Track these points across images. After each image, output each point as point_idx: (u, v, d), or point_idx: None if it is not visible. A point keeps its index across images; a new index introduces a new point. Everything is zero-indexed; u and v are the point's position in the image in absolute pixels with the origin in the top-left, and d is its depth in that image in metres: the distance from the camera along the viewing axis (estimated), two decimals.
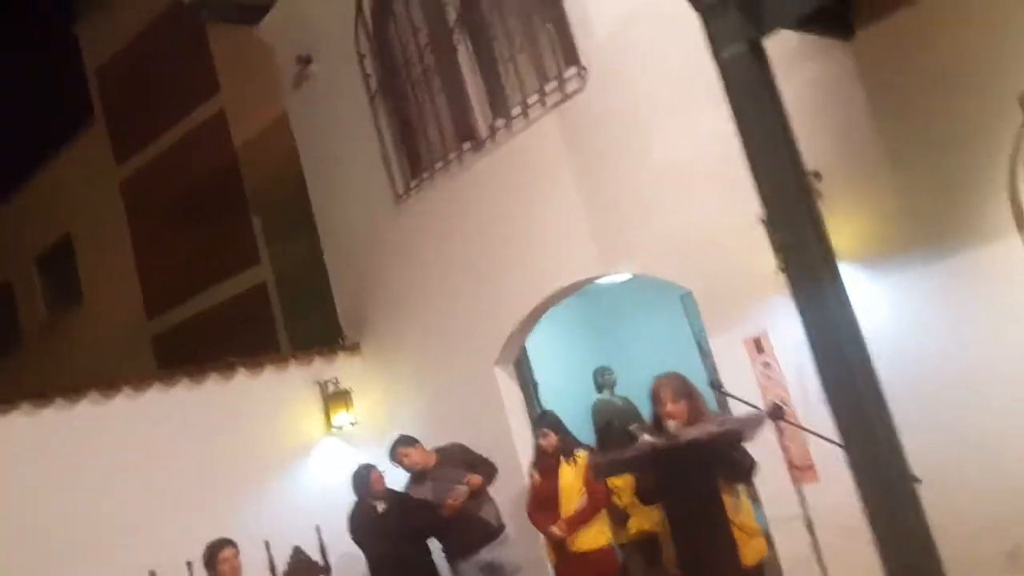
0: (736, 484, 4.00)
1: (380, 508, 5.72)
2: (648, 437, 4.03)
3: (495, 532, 5.71)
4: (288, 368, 6.99)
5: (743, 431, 3.89)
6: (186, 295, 11.09)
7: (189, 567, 5.26)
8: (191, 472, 6.07)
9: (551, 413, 5.69)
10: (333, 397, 6.98)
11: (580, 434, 6.04)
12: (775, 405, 3.93)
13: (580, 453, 5.41)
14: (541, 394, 6.94)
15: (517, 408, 6.40)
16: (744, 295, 4.92)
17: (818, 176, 4.29)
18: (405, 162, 6.82)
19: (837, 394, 3.37)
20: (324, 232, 7.60)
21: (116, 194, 11.83)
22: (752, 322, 4.90)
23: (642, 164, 5.36)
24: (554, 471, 5.36)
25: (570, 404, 7.04)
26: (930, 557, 3.27)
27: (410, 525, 5.61)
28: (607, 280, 6.29)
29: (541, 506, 5.40)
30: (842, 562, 4.16)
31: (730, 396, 4.04)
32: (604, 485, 5.37)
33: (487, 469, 5.72)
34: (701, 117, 5.03)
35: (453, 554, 5.74)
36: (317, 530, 5.77)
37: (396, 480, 5.95)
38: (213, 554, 5.19)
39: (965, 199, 4.19)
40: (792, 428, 4.57)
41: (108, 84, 11.93)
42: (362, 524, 5.70)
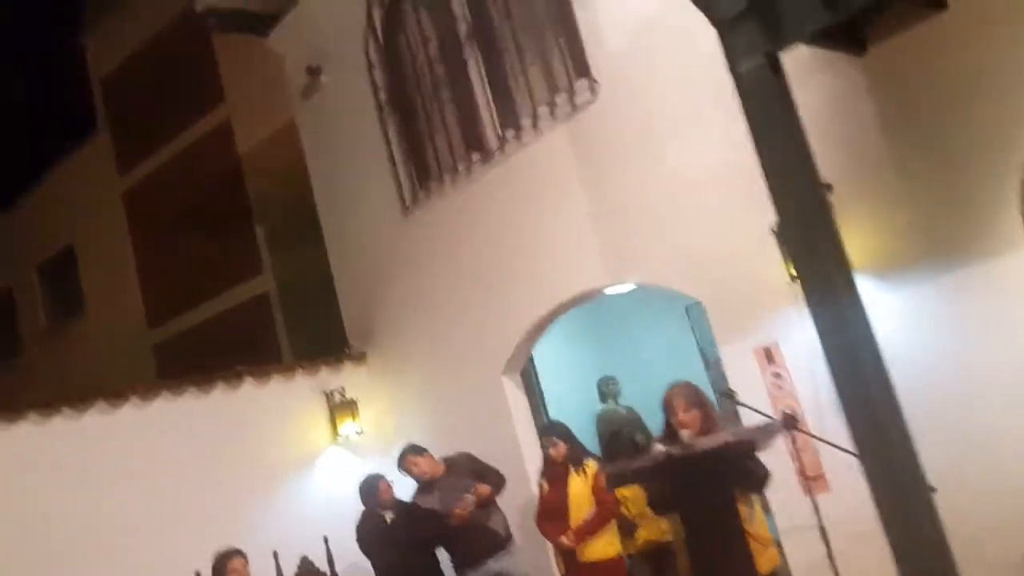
0: (750, 493, 4.00)
1: (388, 518, 5.71)
2: (661, 446, 4.05)
3: (503, 542, 5.70)
4: (295, 377, 7.00)
5: (757, 440, 3.91)
6: (188, 305, 11.08)
7: None
8: (199, 481, 6.07)
9: (560, 423, 5.69)
10: (339, 407, 6.98)
11: (585, 444, 6.05)
12: (788, 415, 3.94)
13: (589, 463, 5.41)
14: (548, 402, 6.95)
15: (524, 418, 6.41)
16: (755, 305, 4.96)
17: (829, 188, 4.32)
18: (413, 173, 6.85)
19: (852, 403, 3.39)
20: (331, 242, 7.61)
21: (119, 204, 11.84)
22: (763, 332, 4.93)
23: (652, 175, 5.40)
24: (563, 481, 5.36)
25: (574, 414, 7.04)
26: (945, 565, 3.29)
27: (418, 535, 5.60)
28: (612, 291, 6.32)
29: (550, 516, 5.39)
30: (855, 571, 4.19)
31: (744, 406, 4.06)
32: (613, 495, 5.36)
33: (495, 479, 5.71)
34: (712, 129, 5.09)
35: (461, 564, 5.73)
36: (325, 540, 5.75)
37: (404, 490, 5.94)
38: (223, 564, 5.16)
39: (976, 212, 4.24)
40: (803, 438, 4.60)
41: (113, 94, 11.95)
42: (370, 534, 5.69)
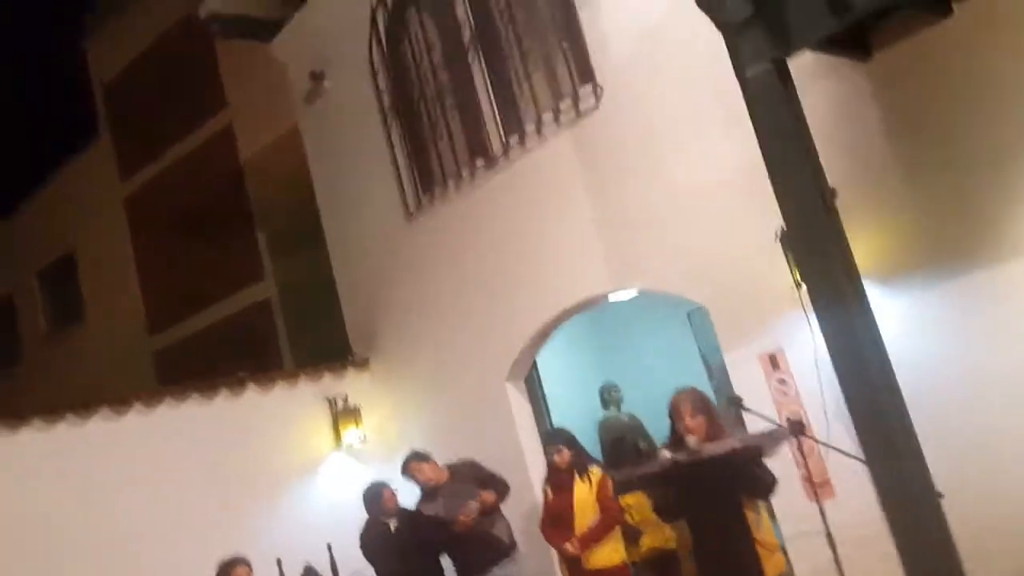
0: (757, 500, 4.01)
1: (392, 525, 5.70)
2: (667, 453, 4.05)
3: (507, 549, 5.68)
4: (298, 384, 6.99)
5: (764, 447, 3.91)
6: (189, 311, 11.06)
7: None
8: (202, 488, 6.06)
9: (564, 429, 5.68)
10: (342, 413, 6.97)
11: (588, 450, 6.03)
12: (796, 421, 3.94)
13: (594, 469, 5.39)
14: (551, 409, 6.93)
15: (528, 424, 6.40)
16: (759, 311, 4.96)
17: (834, 193, 4.32)
18: (417, 178, 6.85)
19: (860, 409, 3.39)
20: (334, 248, 7.60)
21: (120, 209, 11.82)
22: (768, 338, 4.93)
23: (656, 181, 5.40)
24: (568, 487, 5.34)
25: (576, 421, 7.01)
26: (952, 569, 3.29)
27: (422, 542, 5.58)
28: (614, 297, 6.32)
29: (555, 523, 5.38)
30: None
31: (751, 412, 4.05)
32: (617, 502, 5.35)
33: (499, 486, 5.70)
34: (716, 135, 5.10)
35: (465, 571, 5.70)
36: (328, 547, 5.75)
37: (408, 497, 5.93)
38: (227, 572, 5.14)
39: (981, 218, 4.25)
40: (808, 444, 4.60)
41: (115, 99, 11.95)
42: (374, 541, 5.68)
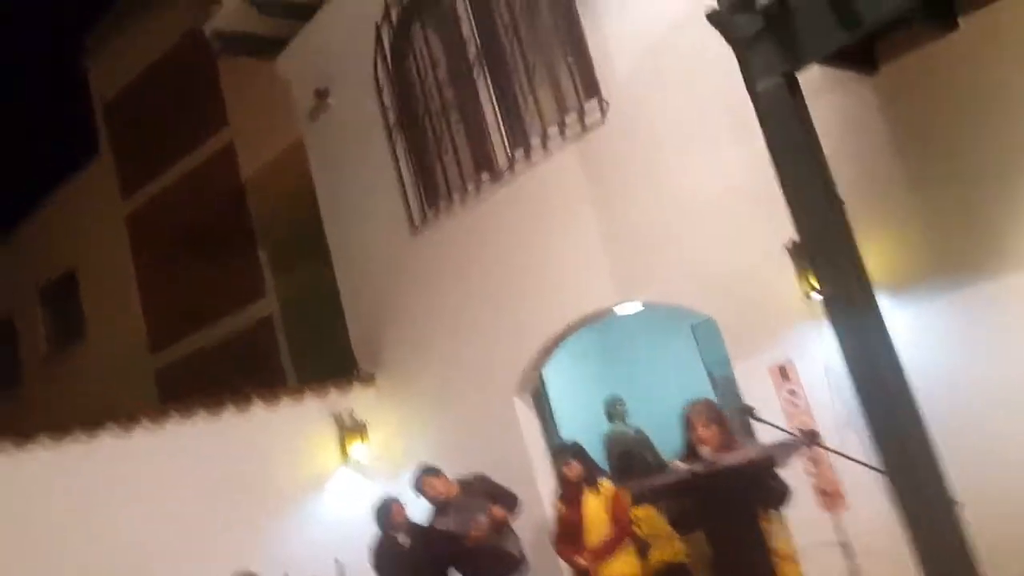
0: (771, 509, 4.02)
1: (403, 540, 5.68)
2: (681, 464, 4.06)
3: (518, 564, 5.67)
4: (304, 400, 6.99)
5: (778, 457, 3.92)
6: (191, 329, 11.05)
7: None
8: (210, 505, 6.05)
9: (574, 442, 5.68)
10: (349, 429, 6.97)
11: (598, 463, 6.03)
12: (809, 431, 3.95)
13: (605, 482, 5.39)
14: (559, 423, 6.92)
15: (536, 438, 6.40)
16: (769, 323, 4.98)
17: (841, 205, 4.36)
18: (422, 192, 6.88)
19: (877, 418, 3.41)
20: (338, 263, 7.62)
21: (121, 228, 11.83)
22: (777, 349, 4.94)
23: (663, 194, 5.44)
24: (579, 501, 5.33)
25: (581, 434, 7.01)
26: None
27: (434, 556, 5.57)
28: (619, 311, 6.32)
29: (566, 536, 5.37)
30: None
31: (765, 423, 4.07)
32: (629, 514, 5.34)
33: (510, 500, 5.70)
34: (722, 148, 5.14)
35: None
36: (337, 563, 5.73)
37: (418, 512, 5.92)
38: None
39: (987, 229, 4.27)
40: (820, 455, 4.61)
41: (116, 118, 11.99)
42: (385, 556, 5.66)
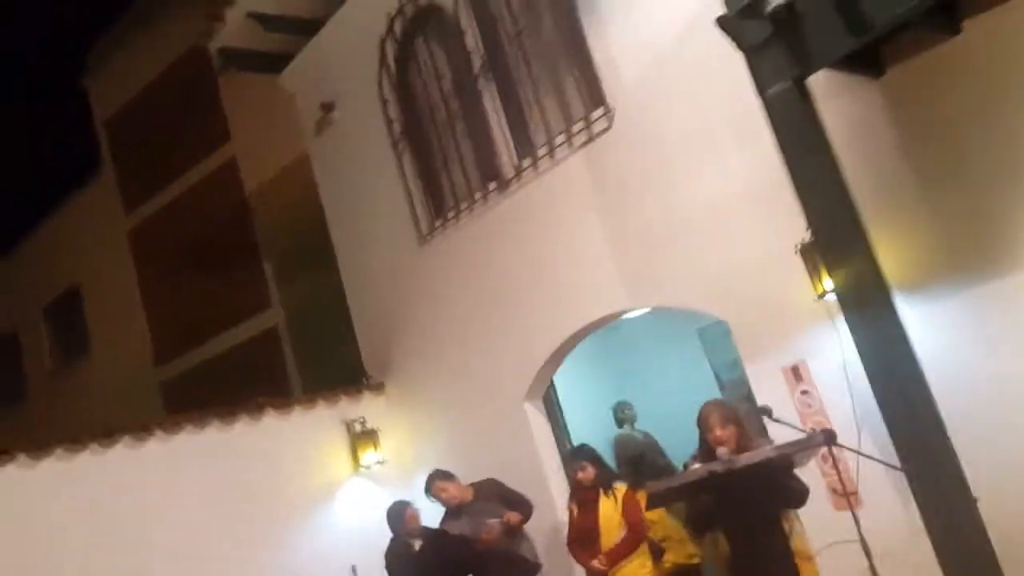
0: (790, 509, 4.06)
1: (416, 545, 5.71)
2: (697, 464, 4.10)
3: (532, 569, 5.69)
4: (315, 408, 7.03)
5: (796, 456, 3.96)
6: (196, 342, 11.08)
7: None
8: (224, 514, 6.08)
9: (587, 446, 5.71)
10: (360, 437, 7.01)
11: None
12: (827, 430, 3.99)
13: (618, 485, 5.43)
14: (569, 428, 6.95)
15: (547, 443, 6.43)
16: (780, 324, 5.02)
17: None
18: (429, 203, 6.93)
19: (896, 416, 3.46)
20: (346, 273, 7.67)
21: (124, 243, 11.88)
22: (789, 350, 4.98)
23: (671, 199, 5.49)
24: (593, 504, 5.36)
25: (589, 439, 7.04)
26: (993, 572, 3.35)
27: (447, 561, 5.59)
28: (626, 315, 6.37)
29: (581, 540, 5.40)
30: None
31: (782, 423, 4.11)
32: (643, 517, 5.37)
33: (523, 505, 5.72)
34: (729, 154, 5.20)
35: None
36: (353, 570, 5.77)
37: (432, 516, 5.94)
38: None
39: (995, 230, 4.32)
40: (834, 454, 4.65)
41: (118, 134, 12.04)
42: (398, 561, 5.69)
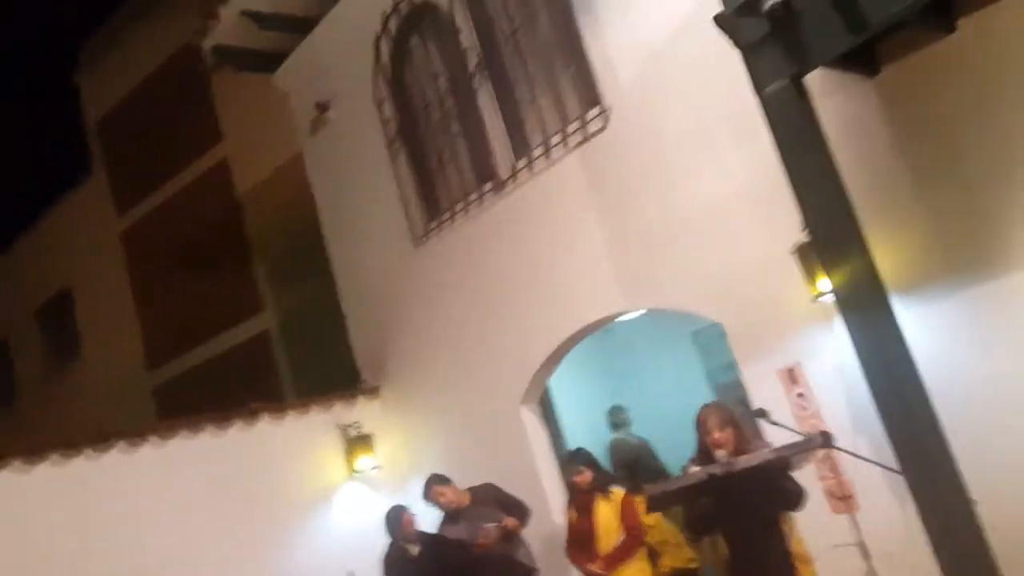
0: (788, 511, 4.04)
1: (413, 550, 5.68)
2: (695, 467, 4.07)
3: (529, 573, 5.66)
4: (309, 413, 6.98)
5: (794, 459, 3.94)
6: (188, 346, 11.02)
7: None
8: (219, 519, 6.04)
9: (584, 450, 5.69)
10: (355, 441, 6.96)
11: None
12: (824, 433, 3.97)
13: (616, 489, 5.40)
14: (565, 432, 6.93)
15: (543, 448, 6.40)
16: (776, 326, 5.01)
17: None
18: (425, 204, 6.90)
19: (894, 417, 3.44)
20: (340, 276, 7.63)
21: (117, 245, 11.81)
22: (785, 353, 4.97)
23: (667, 200, 5.47)
24: (591, 508, 5.34)
25: (585, 443, 7.01)
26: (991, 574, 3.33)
27: (444, 565, 5.56)
28: (623, 317, 6.34)
29: (579, 544, 5.37)
30: None
31: (780, 426, 4.09)
32: (641, 521, 5.34)
33: (520, 510, 5.69)
34: (725, 154, 5.18)
35: None
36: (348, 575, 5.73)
37: (429, 521, 5.91)
38: None
39: (990, 230, 4.31)
40: (831, 457, 4.64)
41: (109, 135, 11.97)
42: (395, 565, 5.65)
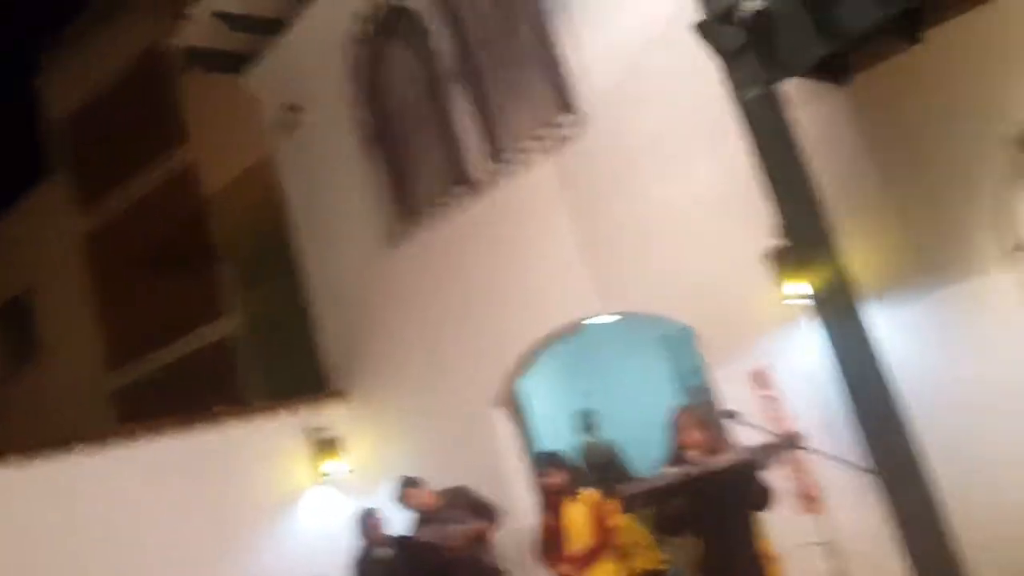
0: (757, 511, 4.09)
1: (385, 553, 5.65)
2: (670, 469, 4.12)
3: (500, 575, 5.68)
4: (276, 417, 6.91)
5: (765, 459, 4.00)
6: (149, 349, 10.82)
7: None
8: (184, 524, 5.95)
9: (555, 451, 5.71)
10: (321, 445, 6.92)
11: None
12: (792, 433, 4.04)
13: (587, 491, 5.42)
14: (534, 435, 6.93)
15: (514, 451, 6.41)
16: (745, 330, 5.08)
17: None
18: (398, 207, 6.88)
19: (864, 418, 3.53)
20: (312, 279, 7.57)
21: (78, 247, 11.58)
22: (754, 355, 5.04)
23: (640, 205, 5.53)
24: (562, 510, 5.35)
25: (553, 445, 7.03)
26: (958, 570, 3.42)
27: (417, 569, 5.55)
28: (593, 321, 6.38)
29: (549, 545, 5.37)
30: None
31: (751, 426, 4.15)
32: (612, 522, 5.37)
33: (492, 512, 5.71)
34: (698, 161, 5.26)
35: None
36: None
37: (399, 524, 5.88)
38: None
39: (956, 235, 4.44)
40: (799, 458, 4.71)
41: (72, 135, 11.73)
42: (367, 569, 5.63)
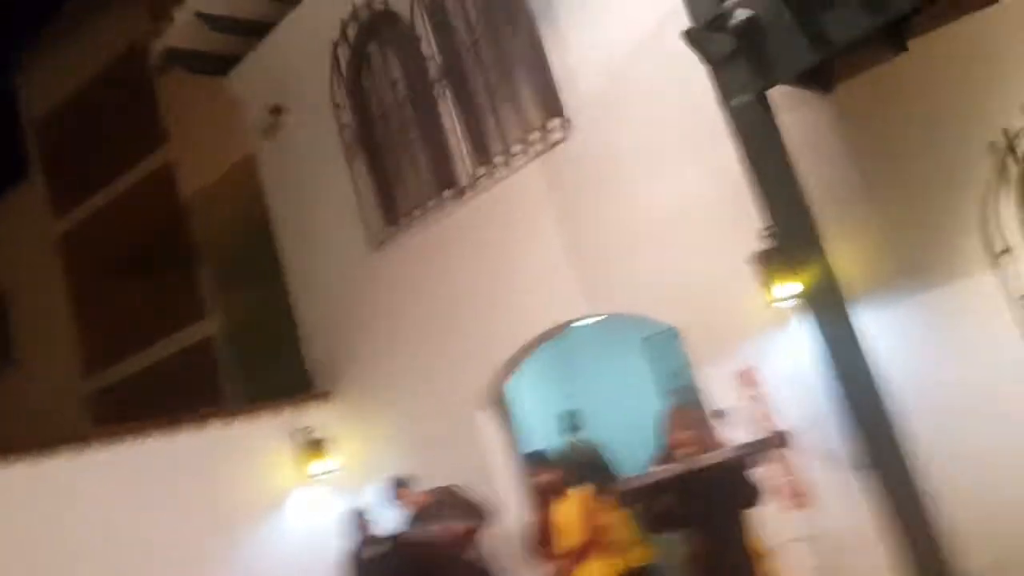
0: (746, 508, 4.17)
1: (374, 552, 5.67)
2: (659, 467, 4.19)
3: (489, 574, 5.71)
4: (260, 419, 6.89)
5: (752, 458, 4.08)
6: (127, 351, 10.72)
7: None
8: (169, 526, 5.92)
9: (542, 451, 5.78)
10: (307, 446, 6.91)
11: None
12: (781, 432, 4.13)
13: (576, 489, 5.49)
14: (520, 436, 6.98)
15: (502, 451, 6.44)
16: (732, 331, 5.15)
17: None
18: (383, 210, 6.89)
19: (854, 416, 3.60)
20: (295, 281, 7.56)
21: (54, 249, 11.45)
22: (741, 356, 5.11)
23: (626, 208, 5.59)
24: (551, 508, 5.43)
25: (538, 446, 7.09)
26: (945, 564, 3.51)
27: (406, 568, 5.57)
28: (574, 324, 6.42)
29: (540, 543, 5.45)
30: None
31: (735, 424, 4.23)
32: (601, 519, 5.43)
33: (483, 512, 5.75)
34: (683, 164, 5.33)
35: None
36: None
37: (389, 523, 5.90)
38: None
39: (938, 239, 4.54)
40: (786, 455, 4.80)
41: (49, 136, 11.60)
42: (357, 568, 5.64)
